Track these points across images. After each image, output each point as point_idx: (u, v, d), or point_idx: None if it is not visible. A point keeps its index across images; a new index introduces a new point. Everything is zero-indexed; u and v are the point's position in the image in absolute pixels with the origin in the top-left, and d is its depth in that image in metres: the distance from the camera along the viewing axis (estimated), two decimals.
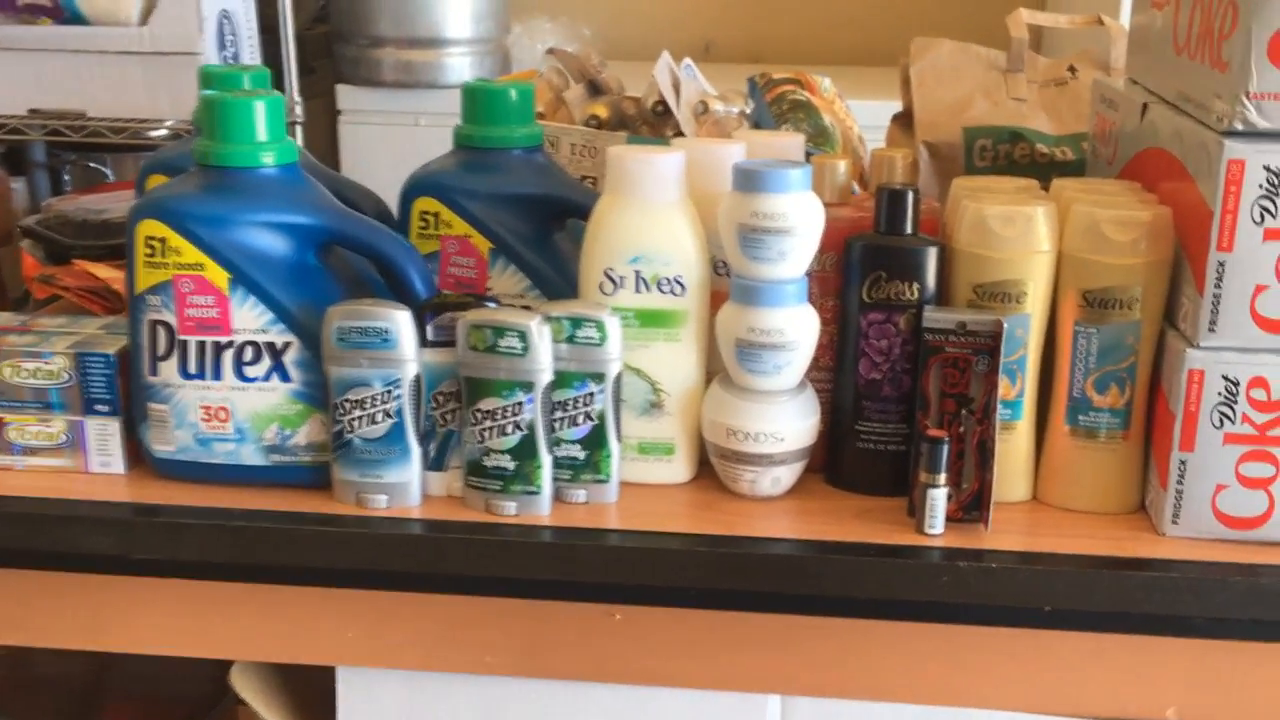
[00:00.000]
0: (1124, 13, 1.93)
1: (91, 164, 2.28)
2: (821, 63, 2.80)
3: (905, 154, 1.04)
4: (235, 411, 0.95)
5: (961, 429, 0.92)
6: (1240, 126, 0.84)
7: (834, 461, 0.99)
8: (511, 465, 0.93)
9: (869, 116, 1.40)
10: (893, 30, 2.62)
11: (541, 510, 0.94)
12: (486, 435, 0.92)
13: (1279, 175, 0.84)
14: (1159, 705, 0.92)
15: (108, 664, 1.42)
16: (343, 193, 1.04)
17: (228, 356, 0.94)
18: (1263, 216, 0.85)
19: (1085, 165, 1.18)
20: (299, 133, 2.30)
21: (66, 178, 2.30)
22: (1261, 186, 0.84)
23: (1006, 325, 0.90)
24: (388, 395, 0.92)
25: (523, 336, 0.90)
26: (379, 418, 0.93)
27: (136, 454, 0.99)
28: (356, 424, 0.93)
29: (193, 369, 0.94)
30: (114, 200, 1.43)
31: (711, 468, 0.98)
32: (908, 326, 0.94)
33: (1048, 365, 0.95)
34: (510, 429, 0.92)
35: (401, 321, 0.92)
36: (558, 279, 1.04)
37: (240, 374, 0.94)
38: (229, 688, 1.08)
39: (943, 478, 0.90)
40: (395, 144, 2.49)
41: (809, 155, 1.08)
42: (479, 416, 0.92)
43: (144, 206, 0.94)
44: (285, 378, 0.95)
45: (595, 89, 1.29)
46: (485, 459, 0.93)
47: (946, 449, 0.90)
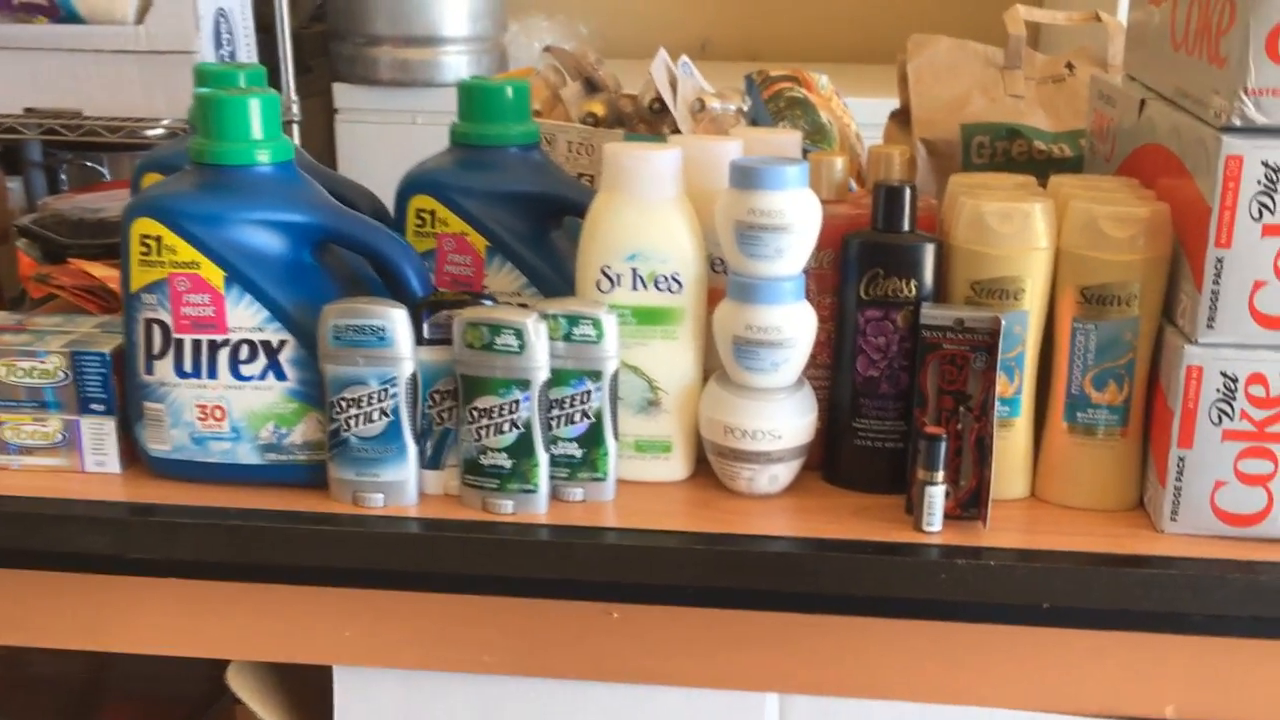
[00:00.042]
0: (1122, 9, 1.93)
1: (88, 163, 2.29)
2: (819, 60, 2.80)
3: (903, 151, 1.04)
4: (231, 410, 0.95)
5: (959, 426, 0.92)
6: (1238, 122, 0.84)
7: (832, 459, 0.99)
8: (508, 464, 0.92)
9: (866, 114, 1.40)
10: (890, 27, 2.62)
11: (538, 509, 0.93)
12: (483, 433, 0.92)
13: (1277, 171, 0.84)
14: (1158, 702, 0.92)
15: (105, 664, 1.42)
16: (339, 191, 1.04)
17: (223, 355, 0.94)
18: (1261, 212, 0.84)
19: (1083, 162, 1.18)
20: (296, 131, 2.30)
21: (63, 177, 2.30)
22: (1260, 182, 0.84)
23: (1004, 322, 0.90)
24: (384, 394, 0.92)
25: (519, 334, 0.90)
26: (375, 416, 0.92)
27: (132, 453, 0.99)
28: (353, 422, 0.93)
29: (188, 368, 0.94)
30: (110, 199, 1.43)
31: (709, 466, 0.98)
32: (905, 324, 0.94)
33: (1046, 362, 0.95)
34: (507, 427, 0.92)
35: (398, 320, 0.91)
36: (554, 277, 1.04)
37: (236, 372, 0.94)
38: (226, 687, 1.07)
39: (941, 475, 0.90)
40: (392, 142, 2.49)
41: (806, 152, 1.07)
42: (475, 415, 0.92)
43: (138, 205, 0.94)
44: (281, 376, 0.94)
45: (592, 87, 1.29)
46: (482, 457, 0.93)
47: (944, 446, 0.89)
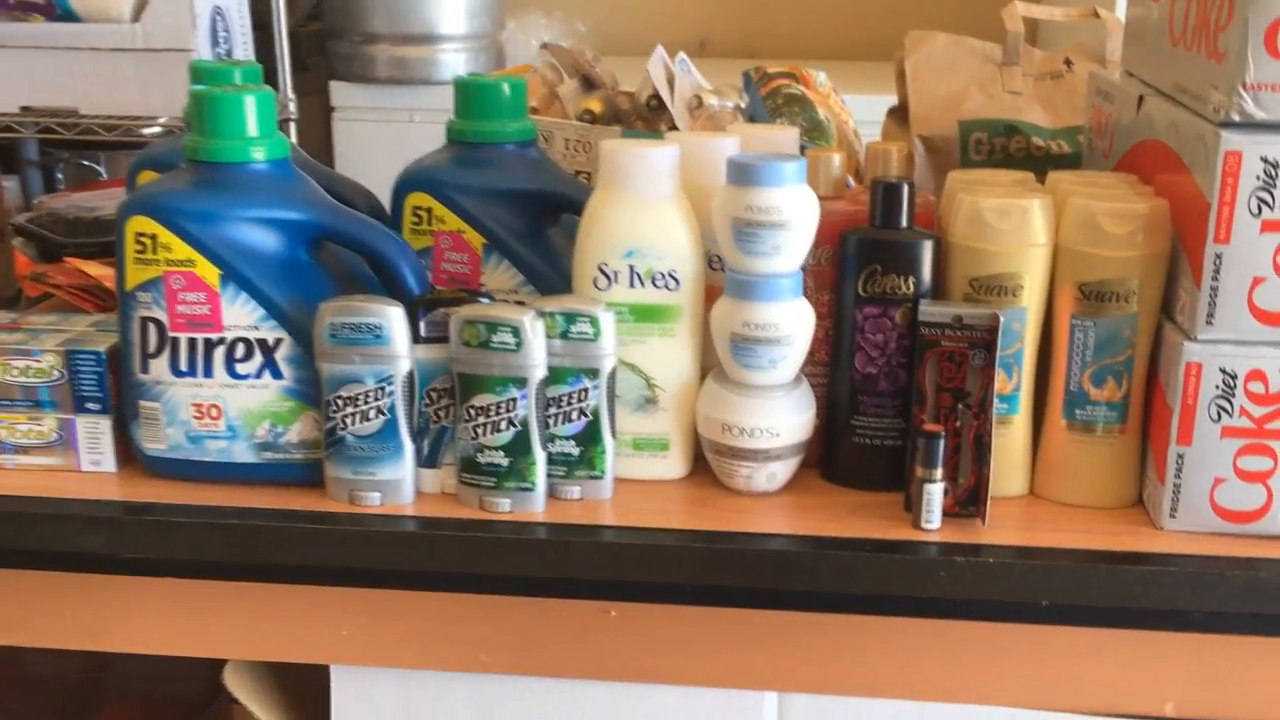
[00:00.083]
0: (1120, 5, 1.92)
1: (84, 161, 2.29)
2: (817, 57, 2.80)
3: (900, 147, 1.03)
4: (227, 409, 0.94)
5: (958, 423, 0.92)
6: (1237, 118, 0.84)
7: (830, 457, 0.98)
8: (505, 462, 0.92)
9: (864, 110, 1.40)
10: (888, 24, 2.62)
11: (536, 507, 0.93)
12: (480, 432, 0.92)
13: (1276, 166, 0.83)
14: (1157, 700, 0.92)
15: (103, 663, 1.42)
16: (336, 189, 1.04)
17: (219, 353, 0.93)
18: (1260, 208, 0.84)
19: (1081, 158, 1.18)
20: (293, 129, 2.29)
21: (59, 175, 2.30)
22: (1259, 178, 0.84)
23: (1003, 319, 0.90)
24: (380, 392, 0.92)
25: (516, 332, 0.90)
26: (372, 414, 0.92)
27: (128, 452, 0.98)
28: (349, 421, 0.92)
29: (184, 366, 0.94)
30: (106, 198, 1.43)
31: (707, 463, 0.97)
32: (903, 320, 0.94)
33: (1044, 359, 0.95)
34: (504, 425, 0.91)
35: (394, 317, 0.91)
36: (551, 274, 1.03)
37: (232, 371, 0.94)
38: (223, 687, 1.07)
39: (939, 472, 0.89)
40: (389, 140, 2.49)
41: (804, 149, 1.07)
42: (472, 413, 0.92)
43: (133, 203, 0.93)
44: (277, 374, 0.94)
45: (589, 84, 1.29)
46: (479, 455, 0.92)
47: (943, 444, 0.89)
